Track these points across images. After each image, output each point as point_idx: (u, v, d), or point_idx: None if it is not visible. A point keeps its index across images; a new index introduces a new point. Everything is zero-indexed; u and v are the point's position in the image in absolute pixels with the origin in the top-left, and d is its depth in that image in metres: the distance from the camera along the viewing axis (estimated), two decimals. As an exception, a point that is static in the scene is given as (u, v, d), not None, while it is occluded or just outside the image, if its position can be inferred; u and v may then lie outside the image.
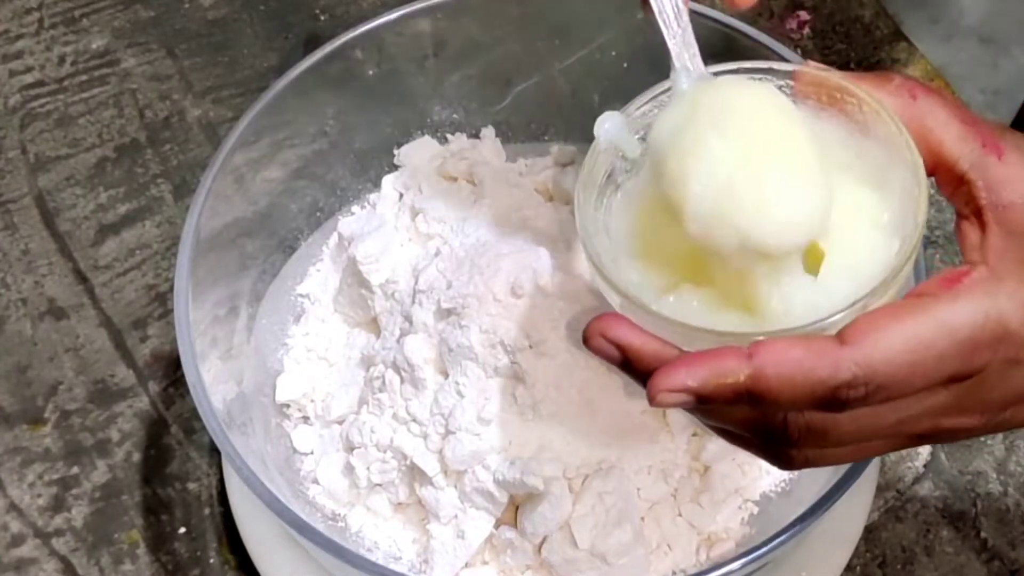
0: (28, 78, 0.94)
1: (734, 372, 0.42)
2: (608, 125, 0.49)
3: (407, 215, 0.74)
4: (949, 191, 0.47)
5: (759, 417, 0.45)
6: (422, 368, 0.65)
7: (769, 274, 0.46)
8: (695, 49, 0.50)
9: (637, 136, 0.50)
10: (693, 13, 0.73)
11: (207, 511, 0.75)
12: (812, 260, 0.46)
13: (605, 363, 0.46)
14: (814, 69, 0.49)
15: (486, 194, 0.73)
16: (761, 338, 0.43)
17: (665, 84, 0.50)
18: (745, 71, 0.50)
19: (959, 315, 0.42)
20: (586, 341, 0.45)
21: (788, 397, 0.42)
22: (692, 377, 0.42)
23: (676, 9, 0.50)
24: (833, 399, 0.42)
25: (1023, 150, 0.46)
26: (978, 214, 0.46)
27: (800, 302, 0.45)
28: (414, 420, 0.66)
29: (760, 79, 0.49)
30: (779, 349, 0.42)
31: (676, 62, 0.50)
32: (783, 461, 0.47)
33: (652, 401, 0.43)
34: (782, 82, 0.50)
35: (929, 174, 0.46)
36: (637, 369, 0.45)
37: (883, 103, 0.47)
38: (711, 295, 0.47)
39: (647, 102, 0.50)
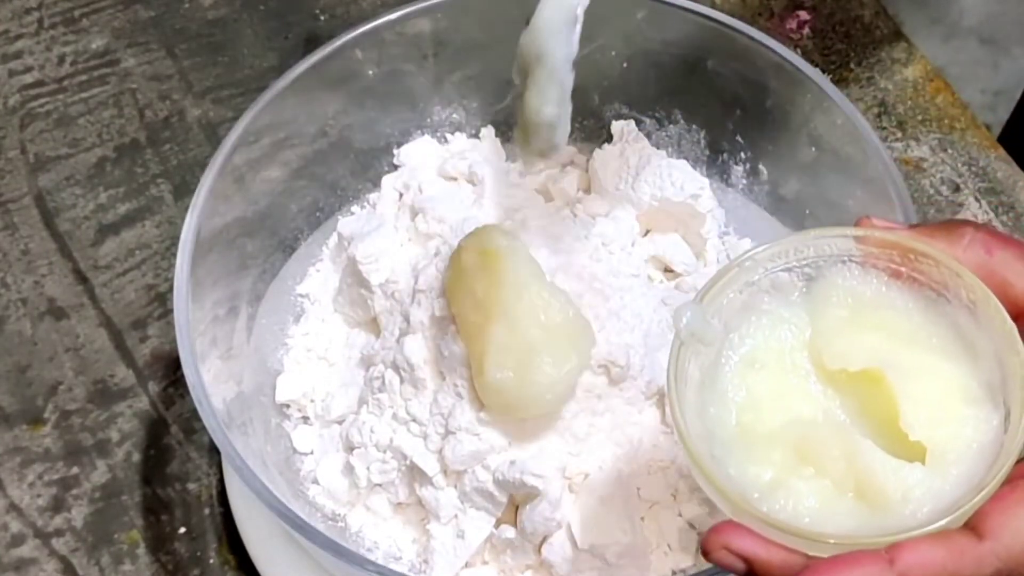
0: (28, 78, 0.94)
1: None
2: (688, 316, 0.48)
3: (407, 215, 0.74)
4: None
5: None
6: (422, 368, 0.65)
7: (883, 459, 0.45)
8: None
9: (716, 319, 0.49)
10: (692, 12, 0.74)
11: (207, 511, 0.75)
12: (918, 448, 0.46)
13: None
14: (879, 232, 0.48)
15: (486, 194, 0.73)
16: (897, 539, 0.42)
17: (735, 266, 0.49)
18: (812, 239, 0.49)
19: None
20: (707, 554, 0.44)
21: None
22: None
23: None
24: None
25: None
26: None
27: (917, 487, 0.44)
28: (414, 420, 0.66)
29: (829, 243, 0.49)
30: (921, 552, 0.41)
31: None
32: None
33: None
34: (850, 246, 0.49)
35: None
36: None
37: (961, 266, 0.46)
38: (822, 487, 0.46)
39: (722, 286, 0.49)
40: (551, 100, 0.61)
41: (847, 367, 0.48)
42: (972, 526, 0.42)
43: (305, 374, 0.73)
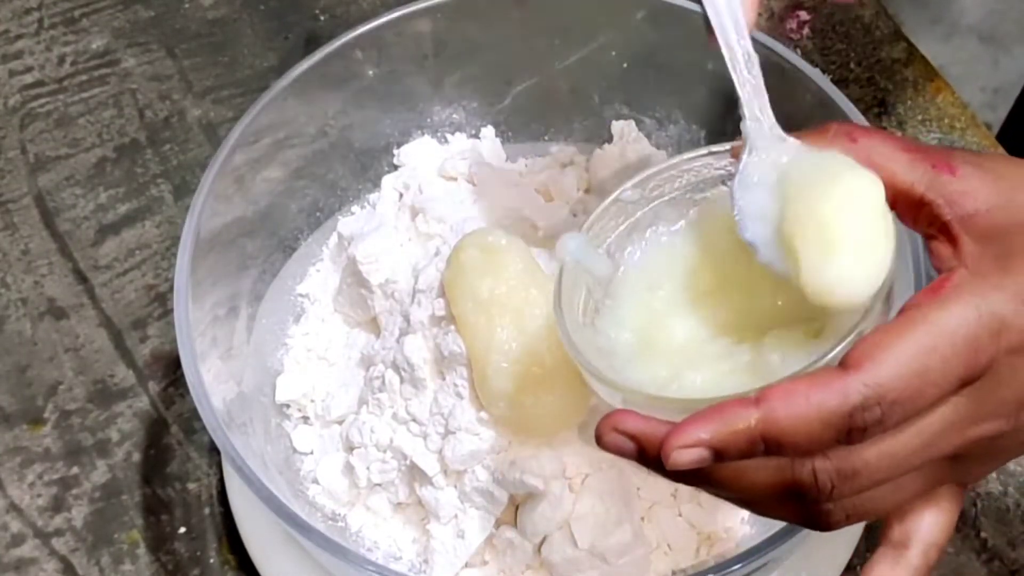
0: (28, 78, 0.94)
1: (744, 418, 0.42)
2: (572, 245, 0.50)
3: (407, 215, 0.74)
4: (911, 218, 0.47)
5: (785, 475, 0.44)
6: (422, 368, 0.65)
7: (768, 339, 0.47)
8: (765, 99, 0.50)
9: (600, 250, 0.51)
10: (692, 12, 0.74)
11: (207, 511, 0.75)
12: None
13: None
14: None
15: (486, 194, 0.73)
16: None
17: (614, 196, 0.51)
18: (688, 160, 0.51)
19: (952, 317, 0.42)
20: (599, 440, 0.45)
21: (804, 435, 0.42)
22: (703, 430, 0.42)
23: (747, 57, 0.50)
24: (851, 427, 0.42)
25: (973, 164, 0.46)
26: (945, 230, 0.46)
27: (797, 354, 0.46)
28: (414, 420, 0.66)
29: (705, 161, 0.51)
30: (785, 388, 0.42)
31: (746, 111, 0.50)
32: (822, 519, 0.46)
33: (667, 462, 0.43)
34: (725, 163, 0.51)
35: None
36: (651, 454, 0.44)
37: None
38: (713, 375, 0.47)
39: (605, 217, 0.52)
40: None
41: (736, 278, 0.50)
42: (840, 364, 0.42)
43: (305, 374, 0.73)
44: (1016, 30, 1.81)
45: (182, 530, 0.74)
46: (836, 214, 0.45)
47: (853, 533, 0.68)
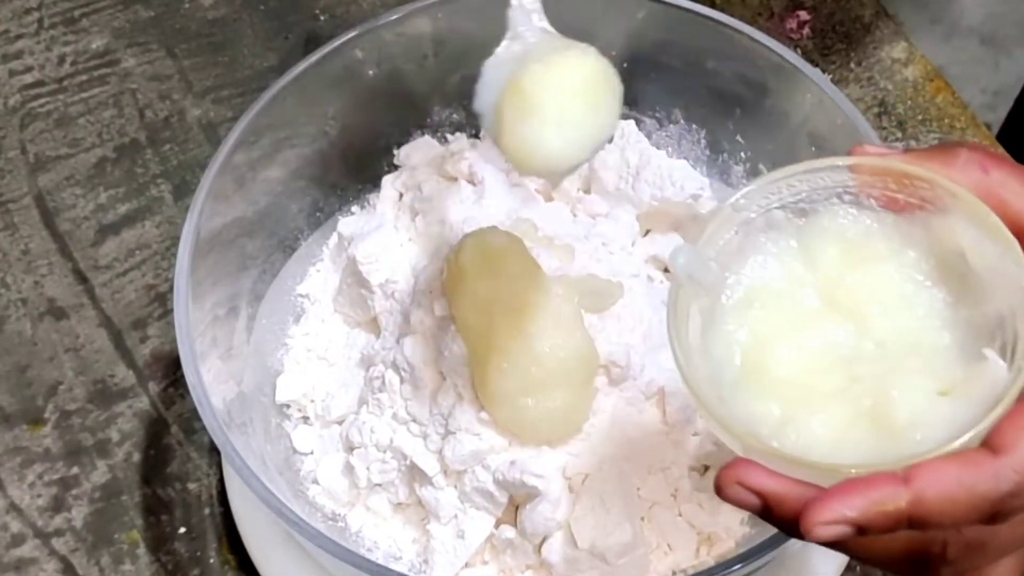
0: (28, 78, 0.94)
1: (893, 498, 0.41)
2: (682, 259, 0.48)
3: (407, 215, 0.74)
4: None
5: (917, 545, 0.43)
6: (422, 368, 0.65)
7: (893, 385, 0.45)
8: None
9: (710, 262, 0.48)
10: (692, 12, 0.74)
11: (207, 511, 0.75)
12: None
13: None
14: (872, 159, 0.48)
15: (486, 194, 0.73)
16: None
17: (725, 206, 0.49)
18: (804, 172, 0.49)
19: None
20: (720, 491, 0.44)
21: (950, 517, 0.41)
22: (849, 507, 0.41)
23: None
24: (997, 512, 0.41)
25: None
26: None
27: (929, 412, 0.44)
28: (414, 420, 0.66)
29: (822, 176, 0.48)
30: (937, 470, 0.41)
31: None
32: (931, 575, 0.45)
33: (808, 536, 0.41)
34: (844, 178, 0.48)
35: None
36: (780, 515, 0.43)
37: (958, 187, 0.45)
38: (831, 419, 0.45)
39: (716, 227, 0.49)
40: None
41: (846, 302, 0.48)
42: (987, 444, 0.41)
43: (305, 374, 0.73)
44: (1017, 32, 1.81)
45: (182, 530, 0.74)
46: (535, 85, 0.46)
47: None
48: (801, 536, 0.42)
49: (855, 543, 0.43)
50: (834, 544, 0.43)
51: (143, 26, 0.97)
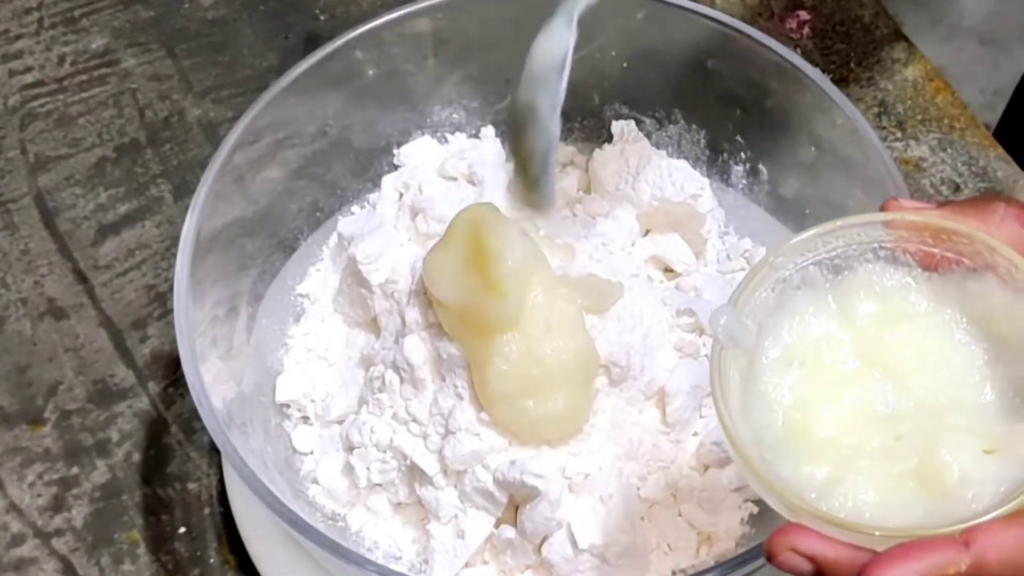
0: (28, 78, 0.94)
1: (954, 563, 0.41)
2: (724, 320, 0.47)
3: (407, 215, 0.74)
4: None
5: None
6: (421, 368, 0.65)
7: (940, 443, 0.45)
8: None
9: (748, 322, 0.48)
10: (692, 12, 0.74)
11: (207, 511, 0.75)
12: None
13: None
14: (908, 214, 0.48)
15: (486, 194, 0.73)
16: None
17: (763, 264, 0.49)
18: (839, 228, 0.49)
19: None
20: (772, 558, 0.43)
21: None
22: (911, 570, 0.41)
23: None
24: None
25: None
26: None
27: (977, 471, 0.44)
28: (414, 420, 0.66)
29: (857, 231, 0.48)
30: (996, 533, 0.41)
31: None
32: None
33: None
34: (879, 234, 0.48)
35: None
36: None
37: (997, 241, 0.45)
38: (879, 479, 0.45)
39: (752, 286, 0.49)
40: (539, 151, 0.64)
41: (884, 360, 0.48)
42: None
43: (305, 374, 0.73)
44: (1017, 32, 1.81)
45: (182, 530, 0.74)
46: None
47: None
48: None
49: None
50: None
51: (143, 26, 0.97)
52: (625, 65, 0.78)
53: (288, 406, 0.72)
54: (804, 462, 0.46)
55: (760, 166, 0.76)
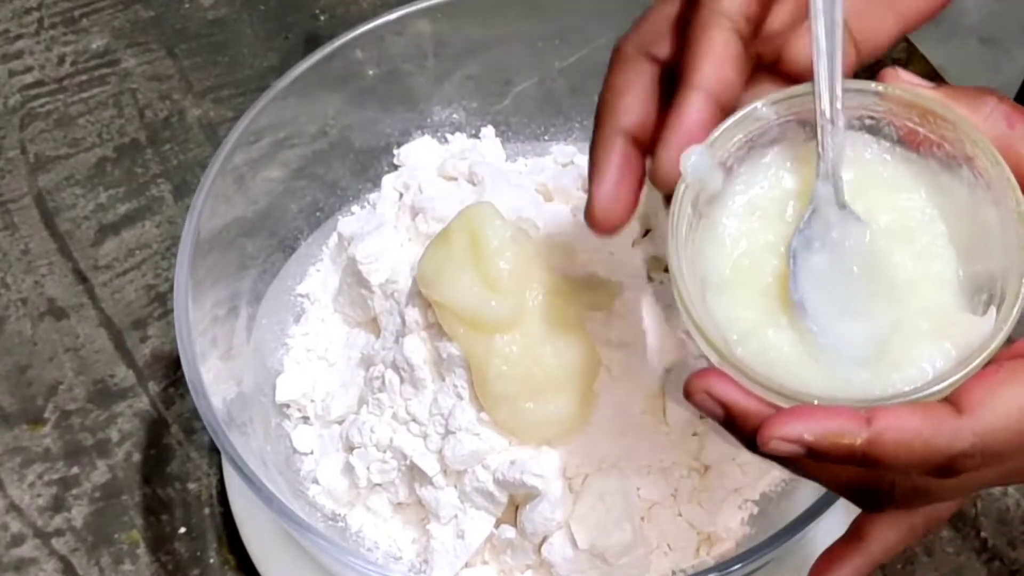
0: (28, 78, 0.94)
1: (852, 434, 0.41)
2: (694, 159, 0.47)
3: (407, 215, 0.74)
4: None
5: (865, 479, 0.45)
6: (421, 368, 0.65)
7: (882, 320, 0.45)
8: (841, 159, 0.47)
9: (717, 164, 0.48)
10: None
11: (207, 511, 0.75)
12: None
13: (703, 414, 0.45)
14: (902, 89, 0.47)
15: (486, 194, 0.73)
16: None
17: (747, 109, 0.48)
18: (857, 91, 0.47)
19: None
20: (688, 396, 0.45)
21: (903, 463, 0.42)
22: (808, 430, 0.42)
23: (835, 109, 0.47)
24: (948, 467, 0.42)
25: None
26: None
27: (909, 353, 0.44)
28: (414, 420, 0.66)
29: (849, 96, 0.47)
30: (899, 417, 0.41)
31: (823, 168, 0.47)
32: (875, 511, 0.47)
33: (763, 447, 0.42)
34: (870, 102, 0.47)
35: None
36: (740, 428, 0.44)
37: (981, 136, 0.45)
38: (807, 341, 0.45)
39: (730, 130, 0.48)
40: None
41: None
42: (952, 400, 0.42)
43: (305, 374, 0.73)
44: (1017, 32, 1.81)
45: (182, 530, 0.74)
46: None
47: (853, 533, 0.68)
48: (756, 449, 0.43)
49: (805, 464, 0.44)
50: (785, 463, 0.44)
51: (143, 26, 0.97)
52: (625, 65, 0.78)
53: (288, 406, 0.72)
54: (737, 307, 0.47)
55: (760, 166, 0.76)
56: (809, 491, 0.64)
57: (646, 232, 0.76)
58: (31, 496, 0.75)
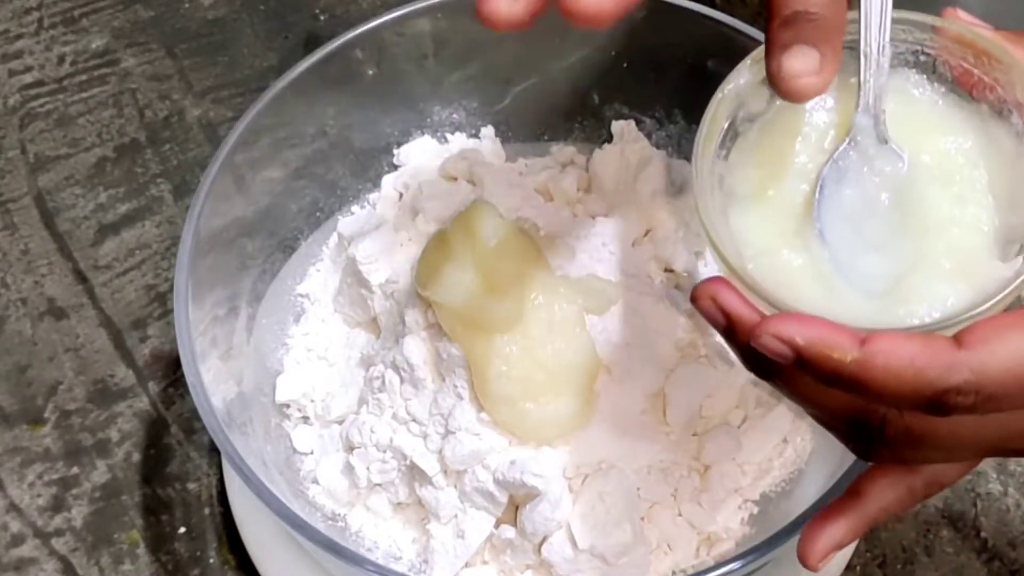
0: (28, 78, 0.94)
1: (843, 350, 0.41)
2: (744, 81, 0.47)
3: (407, 215, 0.74)
4: None
5: (857, 409, 0.44)
6: (421, 368, 0.65)
7: (905, 253, 0.45)
8: (883, 94, 0.47)
9: (762, 86, 0.47)
10: (692, 12, 0.74)
11: (207, 511, 0.75)
12: None
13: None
14: (960, 26, 0.47)
15: (486, 194, 0.73)
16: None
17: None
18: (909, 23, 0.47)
19: None
20: (694, 300, 0.45)
21: (892, 391, 0.41)
22: (801, 334, 0.41)
23: (881, 42, 0.46)
24: (939, 402, 0.41)
25: None
26: None
27: (926, 289, 0.44)
28: (414, 420, 0.66)
29: (905, 28, 0.47)
30: (893, 342, 0.41)
31: (860, 100, 0.47)
32: (869, 456, 0.46)
33: (755, 340, 0.42)
34: (925, 37, 0.47)
35: None
36: (737, 341, 0.44)
37: None
38: (820, 264, 0.45)
39: None
40: None
41: None
42: (957, 336, 0.41)
43: (305, 374, 0.73)
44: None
45: (182, 530, 0.74)
46: None
47: (853, 533, 0.68)
48: (750, 360, 0.43)
49: (793, 381, 0.44)
50: (774, 378, 0.44)
51: (143, 26, 0.97)
52: (625, 65, 0.78)
53: (288, 406, 0.72)
54: (759, 225, 0.47)
55: (760, 166, 0.76)
56: (809, 491, 0.64)
57: (646, 232, 0.76)
58: (31, 496, 0.75)
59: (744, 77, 0.48)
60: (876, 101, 0.47)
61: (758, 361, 0.43)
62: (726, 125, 0.47)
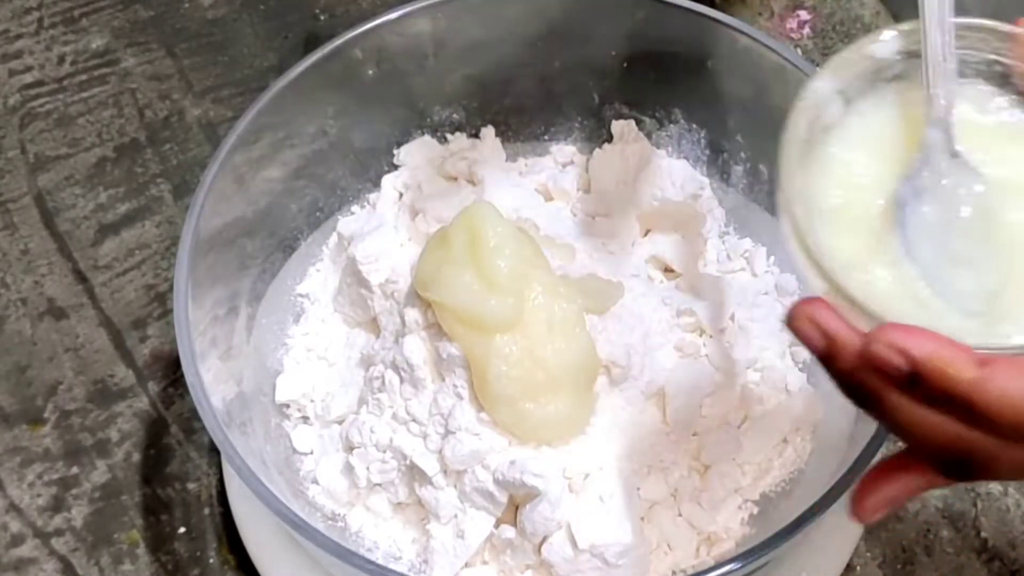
0: (28, 78, 0.94)
1: (960, 368, 0.39)
2: (820, 86, 0.46)
3: (407, 215, 0.74)
4: None
5: (965, 443, 0.41)
6: (421, 368, 0.65)
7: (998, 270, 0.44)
8: (953, 110, 0.46)
9: (840, 93, 0.47)
10: (692, 12, 0.74)
11: (207, 511, 0.75)
12: None
13: None
14: None
15: (486, 194, 0.73)
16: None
17: (872, 40, 0.47)
18: (961, 28, 0.46)
19: None
20: (791, 322, 0.43)
21: (1002, 422, 0.39)
22: (919, 347, 0.39)
23: (946, 49, 0.46)
24: None
25: None
26: None
27: (1016, 309, 0.43)
28: (414, 420, 0.66)
29: (978, 36, 0.46)
30: (1015, 369, 0.39)
31: (933, 111, 0.46)
32: (961, 480, 0.44)
33: (868, 349, 0.40)
34: (1000, 46, 0.46)
35: None
36: (838, 363, 0.42)
37: None
38: (896, 276, 0.44)
39: (851, 58, 0.47)
40: None
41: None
42: None
43: (305, 374, 0.73)
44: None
45: (182, 530, 0.74)
46: None
47: (853, 533, 0.68)
48: (849, 388, 0.40)
49: (893, 406, 0.41)
50: (872, 405, 0.41)
51: (143, 26, 0.97)
52: (625, 65, 0.78)
53: (288, 406, 0.72)
54: (842, 239, 0.45)
55: (760, 166, 0.76)
56: (809, 491, 0.64)
57: (646, 232, 0.76)
58: (31, 496, 0.75)
59: (822, 84, 0.47)
60: (946, 114, 0.46)
61: (856, 386, 0.41)
62: (803, 134, 0.47)
